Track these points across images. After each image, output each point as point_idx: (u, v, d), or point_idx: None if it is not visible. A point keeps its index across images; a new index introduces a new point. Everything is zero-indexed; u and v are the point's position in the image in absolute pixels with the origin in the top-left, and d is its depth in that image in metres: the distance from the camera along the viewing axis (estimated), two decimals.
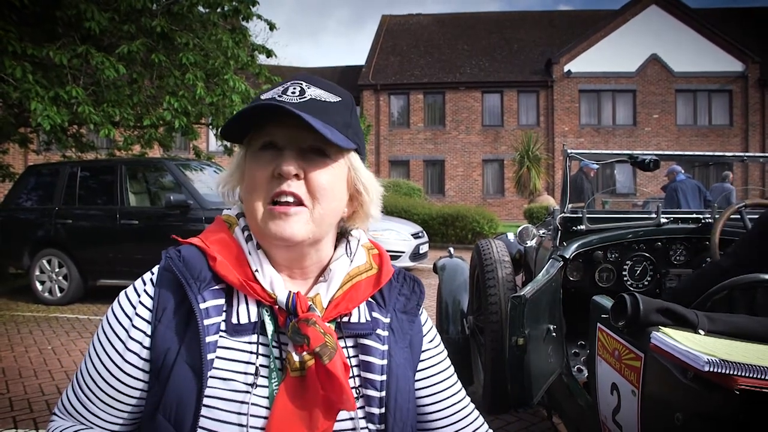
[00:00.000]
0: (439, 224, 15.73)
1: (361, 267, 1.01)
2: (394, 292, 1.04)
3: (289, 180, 0.91)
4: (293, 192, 0.91)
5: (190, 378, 0.89)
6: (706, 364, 1.24)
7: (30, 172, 9.35)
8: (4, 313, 7.84)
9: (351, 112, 0.98)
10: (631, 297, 1.77)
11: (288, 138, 0.92)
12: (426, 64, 27.72)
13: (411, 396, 1.00)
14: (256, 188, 0.93)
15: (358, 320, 0.98)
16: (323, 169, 0.93)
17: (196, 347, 0.89)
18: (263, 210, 0.92)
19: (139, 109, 9.25)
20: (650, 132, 25.45)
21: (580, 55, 25.66)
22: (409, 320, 1.04)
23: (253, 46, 11.27)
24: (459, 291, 4.38)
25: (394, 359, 0.98)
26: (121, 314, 0.96)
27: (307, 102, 0.92)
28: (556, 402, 3.13)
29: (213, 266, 0.94)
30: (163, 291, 0.94)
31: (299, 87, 0.94)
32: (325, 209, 0.94)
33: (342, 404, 0.90)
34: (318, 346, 0.88)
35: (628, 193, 20.66)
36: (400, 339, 1.01)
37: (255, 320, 0.94)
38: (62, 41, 8.15)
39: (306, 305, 0.92)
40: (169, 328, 0.92)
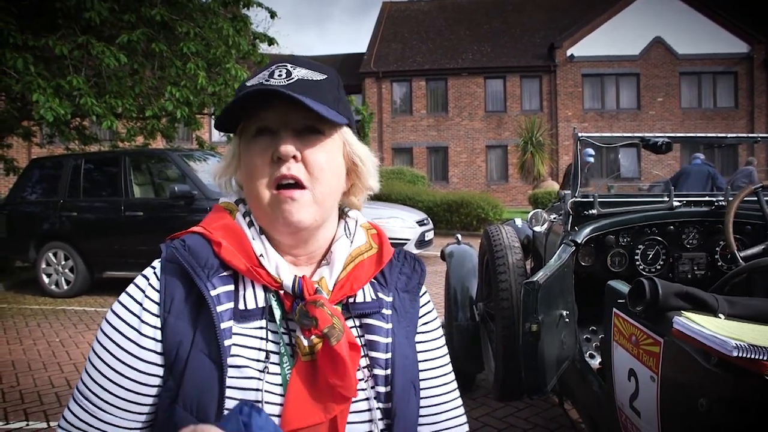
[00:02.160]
0: (444, 211, 15.69)
1: (362, 247, 1.01)
2: (395, 271, 1.04)
3: (289, 162, 0.91)
4: (293, 175, 0.91)
5: (209, 366, 0.87)
6: (735, 349, 1.21)
7: (34, 166, 9.34)
8: (11, 306, 7.86)
9: (338, 88, 0.99)
10: (650, 281, 1.74)
11: (281, 121, 0.92)
12: (428, 51, 27.56)
13: (414, 375, 0.99)
14: (257, 174, 0.92)
15: (363, 300, 0.99)
16: (319, 147, 0.93)
17: (211, 335, 0.88)
18: (269, 195, 0.92)
19: (141, 100, 9.22)
20: (654, 115, 25.31)
21: (583, 39, 25.48)
22: (411, 299, 1.04)
23: (255, 35, 11.19)
24: (468, 277, 4.36)
25: (398, 338, 0.98)
26: (127, 314, 0.92)
27: (296, 83, 0.91)
28: (567, 389, 3.11)
29: (218, 252, 0.93)
30: (169, 282, 0.92)
31: (285, 69, 0.94)
32: (326, 188, 0.94)
33: (344, 389, 0.88)
34: (326, 328, 0.88)
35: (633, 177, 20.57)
36: (402, 318, 1.01)
37: (262, 305, 0.93)
38: (62, 32, 8.09)
39: (313, 288, 0.92)
40: (180, 319, 0.90)
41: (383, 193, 16.18)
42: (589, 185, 5.57)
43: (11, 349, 5.83)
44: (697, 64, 25.04)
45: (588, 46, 25.34)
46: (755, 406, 1.30)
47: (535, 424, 3.92)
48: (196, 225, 0.98)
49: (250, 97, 0.90)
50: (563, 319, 2.55)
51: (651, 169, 22.07)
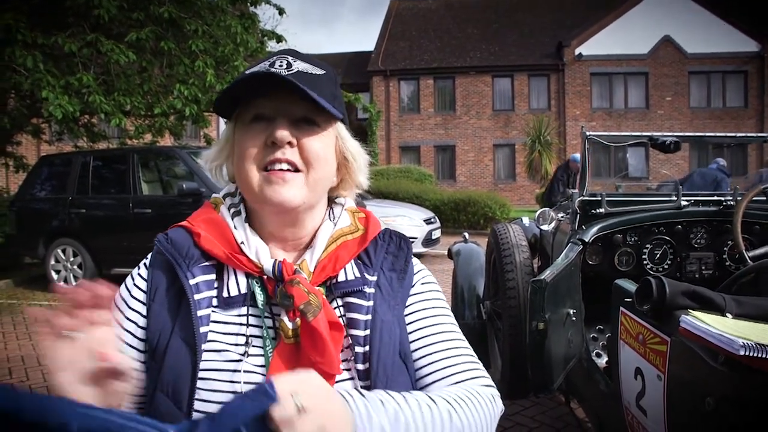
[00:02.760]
0: (451, 210, 15.68)
1: (345, 229, 1.02)
2: (380, 251, 1.03)
3: (284, 148, 0.93)
4: (288, 159, 0.93)
5: (185, 352, 0.91)
6: (742, 347, 1.21)
7: (43, 163, 9.39)
8: (21, 302, 7.91)
9: (335, 84, 1.00)
10: (657, 280, 1.74)
11: (278, 109, 0.94)
12: (435, 49, 27.52)
13: (395, 352, 0.96)
14: (249, 156, 0.94)
15: (346, 279, 0.99)
16: (315, 136, 0.96)
17: (188, 322, 0.92)
18: (258, 176, 0.94)
19: (150, 98, 9.25)
20: (663, 115, 25.19)
21: (592, 37, 25.37)
22: (399, 278, 1.02)
23: (263, 32, 11.22)
24: (475, 276, 4.36)
25: (379, 315, 0.97)
26: (119, 298, 0.99)
27: (296, 74, 0.93)
28: (574, 387, 3.11)
29: (198, 242, 0.97)
30: (156, 272, 0.98)
31: (286, 60, 0.96)
32: (319, 174, 0.96)
33: (326, 366, 0.89)
34: (302, 304, 0.90)
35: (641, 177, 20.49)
36: (388, 297, 1.00)
37: (245, 292, 0.96)
38: (72, 30, 8.14)
39: (291, 269, 0.94)
40: (163, 306, 0.95)
41: (390, 191, 16.20)
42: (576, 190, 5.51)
43: (20, 345, 5.87)
44: (707, 63, 24.89)
45: (596, 44, 25.24)
46: (762, 404, 1.29)
47: (542, 422, 3.91)
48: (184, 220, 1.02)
49: (252, 81, 0.92)
50: (570, 317, 2.55)
51: (659, 169, 21.93)
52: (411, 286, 1.04)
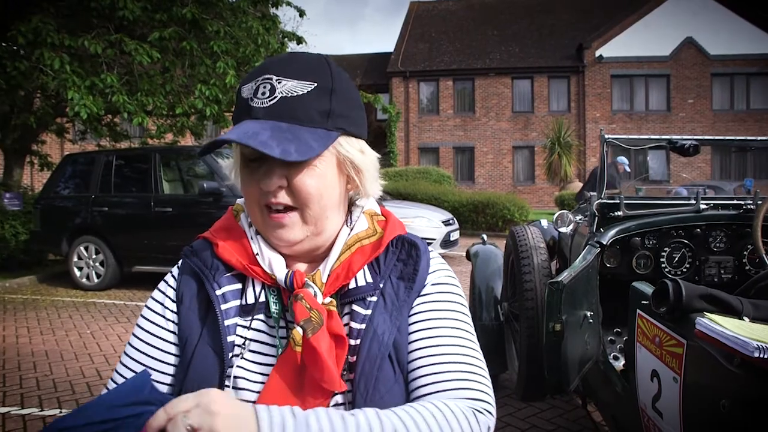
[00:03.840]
0: (470, 211, 15.66)
1: (361, 234, 1.00)
2: (391, 258, 0.99)
3: (275, 191, 0.92)
4: (281, 202, 0.93)
5: (212, 359, 0.94)
6: (756, 350, 1.22)
7: (67, 161, 9.53)
8: (45, 298, 8.05)
9: (330, 94, 0.93)
10: (674, 283, 1.75)
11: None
12: (455, 51, 27.50)
13: (381, 364, 0.92)
14: (249, 196, 0.96)
15: (356, 285, 0.97)
16: (306, 173, 0.92)
17: (216, 331, 0.95)
18: (261, 217, 0.96)
19: (172, 98, 9.37)
20: (685, 117, 24.92)
21: (613, 39, 25.18)
22: (407, 287, 0.97)
23: (284, 34, 11.31)
24: (492, 277, 4.37)
25: (372, 326, 0.93)
26: (158, 294, 1.03)
27: (278, 103, 0.90)
28: (591, 390, 3.11)
29: (216, 252, 0.99)
30: (184, 280, 1.01)
31: (269, 84, 0.91)
32: (315, 209, 0.94)
33: (325, 383, 0.88)
34: (302, 321, 0.89)
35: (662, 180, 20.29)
36: (392, 307, 0.96)
37: (263, 300, 0.98)
38: (97, 31, 8.28)
39: (301, 282, 0.93)
40: (192, 311, 0.98)
41: (409, 192, 16.22)
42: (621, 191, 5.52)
43: (44, 340, 5.98)
44: (730, 65, 24.58)
45: (617, 46, 25.04)
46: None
47: (558, 425, 3.91)
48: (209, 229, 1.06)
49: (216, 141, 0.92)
50: (587, 319, 2.56)
51: (680, 172, 21.74)
52: (422, 289, 0.99)
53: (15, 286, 8.86)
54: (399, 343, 0.94)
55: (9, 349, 5.68)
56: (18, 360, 5.32)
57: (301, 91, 0.91)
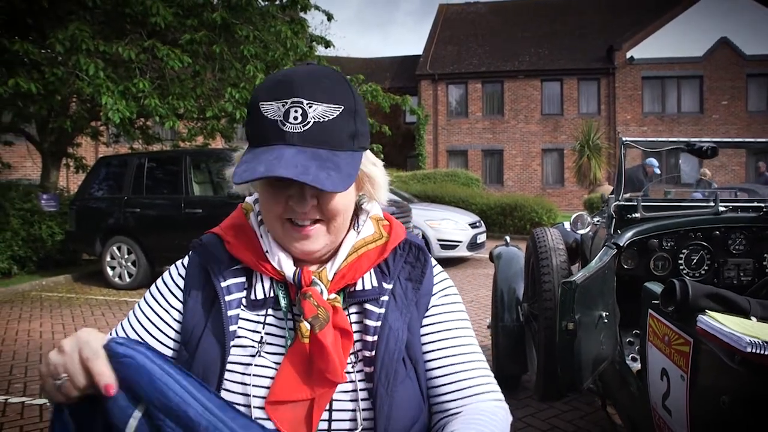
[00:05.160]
0: (497, 214, 15.62)
1: (368, 238, 1.06)
2: (399, 260, 1.07)
3: (306, 211, 0.97)
4: (310, 218, 0.98)
5: (215, 347, 1.00)
6: (748, 345, 1.25)
7: (101, 164, 9.77)
8: (79, 296, 8.28)
9: (355, 116, 0.98)
10: (681, 282, 1.78)
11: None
12: (484, 53, 27.41)
13: (399, 357, 1.01)
14: (271, 212, 0.99)
15: (363, 288, 1.04)
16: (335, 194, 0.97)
17: (219, 321, 1.01)
18: (282, 230, 1.00)
19: (202, 101, 9.55)
20: (718, 119, 24.44)
21: (644, 40, 24.82)
22: (414, 288, 1.05)
23: (312, 37, 11.43)
24: (515, 279, 4.39)
25: (388, 322, 1.01)
26: (160, 288, 1.09)
27: (312, 129, 0.92)
28: (609, 391, 3.13)
29: (228, 249, 1.05)
30: (192, 272, 1.07)
31: (301, 108, 0.92)
32: (339, 222, 1.01)
33: (329, 374, 0.95)
34: (310, 317, 0.95)
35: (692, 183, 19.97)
36: (402, 305, 1.04)
37: (272, 295, 1.04)
38: (130, 37, 8.49)
39: (309, 279, 0.99)
40: (197, 302, 1.04)
41: (437, 194, 16.23)
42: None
43: None
44: (767, 66, 24.04)
45: (649, 47, 24.68)
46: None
47: (579, 426, 3.92)
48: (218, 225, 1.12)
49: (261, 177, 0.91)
50: (602, 320, 2.58)
51: (714, 175, 21.31)
52: (431, 295, 1.08)
53: (51, 285, 9.12)
54: (409, 341, 1.03)
55: (45, 344, 5.87)
56: None
57: (331, 116, 0.93)
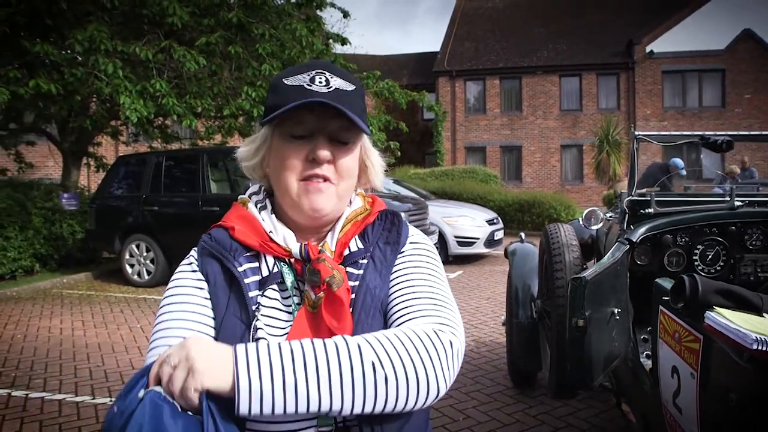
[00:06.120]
0: (515, 211, 15.54)
1: (358, 210, 1.17)
2: (377, 228, 1.17)
3: (323, 164, 1.06)
4: (324, 174, 1.06)
5: (240, 327, 1.04)
6: (755, 342, 1.23)
7: (120, 162, 9.89)
8: (98, 294, 8.39)
9: (363, 99, 1.12)
10: (690, 278, 1.75)
11: (318, 123, 1.06)
12: (502, 49, 27.24)
13: (375, 311, 1.07)
14: (290, 168, 1.07)
15: (350, 251, 1.13)
16: (348, 153, 1.09)
17: (242, 302, 1.06)
18: (297, 186, 1.07)
19: (219, 100, 9.61)
20: (741, 113, 24.05)
21: (664, 34, 24.48)
22: (393, 249, 1.14)
23: (328, 35, 11.45)
24: (529, 275, 4.37)
25: (366, 281, 1.09)
26: (185, 273, 1.12)
27: (333, 92, 1.04)
28: (623, 388, 3.10)
29: (233, 235, 1.12)
30: (206, 261, 1.11)
31: (324, 77, 1.06)
32: (347, 185, 1.11)
33: (339, 330, 1.01)
34: (328, 277, 1.03)
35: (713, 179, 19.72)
36: (381, 267, 1.12)
37: (276, 271, 1.10)
38: (147, 38, 8.57)
39: (317, 250, 1.08)
40: (217, 287, 1.08)
41: (455, 191, 16.18)
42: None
43: (98, 333, 6.26)
44: None
45: (669, 41, 24.34)
46: None
47: (593, 424, 3.89)
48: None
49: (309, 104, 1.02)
50: (614, 316, 2.55)
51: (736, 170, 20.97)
52: (401, 252, 1.15)
53: (72, 282, 9.26)
54: (384, 297, 1.10)
55: (65, 340, 5.96)
56: (73, 351, 5.59)
57: (348, 88, 1.07)
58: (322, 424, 1.00)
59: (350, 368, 0.89)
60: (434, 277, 1.12)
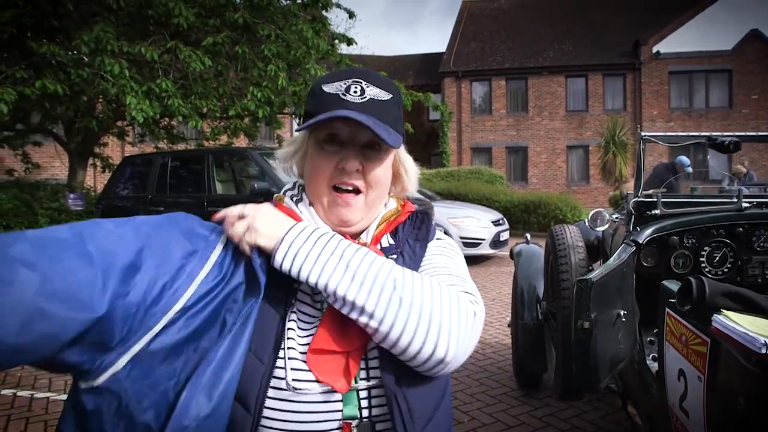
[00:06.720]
0: (521, 212, 15.51)
1: (392, 211, 1.20)
2: (408, 227, 1.20)
3: (351, 174, 1.08)
4: (353, 183, 1.09)
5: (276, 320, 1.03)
6: (763, 346, 1.21)
7: (126, 163, 9.90)
8: None
9: (399, 107, 1.13)
10: (697, 280, 1.74)
11: (350, 134, 1.08)
12: (508, 50, 27.20)
13: None
14: (320, 174, 1.10)
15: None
16: (378, 164, 1.11)
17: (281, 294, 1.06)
18: (327, 195, 1.10)
19: (225, 101, 9.63)
20: (748, 114, 23.92)
21: (670, 34, 24.39)
22: (422, 246, 1.18)
23: (334, 36, 11.46)
24: (535, 277, 4.36)
25: None
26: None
27: (367, 102, 1.06)
28: (629, 390, 3.08)
29: None
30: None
31: (360, 86, 1.08)
32: (377, 194, 1.13)
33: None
34: None
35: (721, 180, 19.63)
36: (409, 261, 1.15)
37: None
38: (153, 38, 8.59)
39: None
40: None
41: (460, 192, 16.16)
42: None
43: None
44: None
45: (675, 42, 24.25)
46: None
47: (599, 426, 3.87)
48: None
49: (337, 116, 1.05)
50: (620, 318, 2.54)
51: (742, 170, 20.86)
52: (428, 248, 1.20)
53: None
54: None
55: None
56: None
57: (384, 98, 1.09)
58: (347, 416, 1.00)
59: (375, 273, 0.98)
60: (459, 267, 1.18)
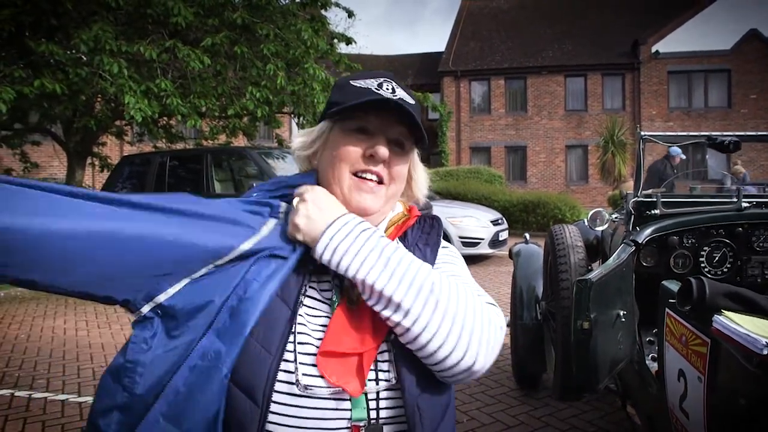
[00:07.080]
0: (520, 211, 15.50)
1: (399, 215, 1.21)
2: (416, 231, 1.20)
3: (380, 163, 1.10)
4: (378, 172, 1.10)
5: (285, 311, 1.02)
6: (765, 347, 1.21)
7: (125, 162, 9.91)
8: None
9: (420, 112, 1.16)
10: (698, 280, 1.73)
11: (380, 126, 1.10)
12: (507, 49, 27.19)
13: None
14: (346, 159, 1.10)
15: None
16: (403, 159, 1.14)
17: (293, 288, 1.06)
18: (349, 180, 1.10)
19: (224, 100, 9.60)
20: (747, 114, 23.93)
21: (669, 34, 24.39)
22: (433, 251, 1.18)
23: (333, 35, 11.43)
24: (534, 277, 4.35)
25: None
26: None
27: (399, 100, 1.08)
28: (629, 391, 3.07)
29: None
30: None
31: (391, 85, 1.11)
32: (396, 189, 1.15)
33: (383, 325, 1.03)
34: None
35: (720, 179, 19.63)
36: None
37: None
38: (152, 37, 8.56)
39: None
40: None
41: (459, 192, 16.14)
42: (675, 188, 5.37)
43: (101, 333, 6.27)
44: None
45: (674, 41, 24.25)
46: None
47: (598, 426, 3.87)
48: None
49: (379, 103, 1.07)
50: (620, 319, 2.53)
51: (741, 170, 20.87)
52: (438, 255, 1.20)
53: None
54: None
55: (69, 341, 5.97)
56: (77, 351, 5.59)
57: (410, 101, 1.12)
58: (356, 418, 1.00)
59: (415, 273, 0.99)
60: (469, 276, 1.19)
